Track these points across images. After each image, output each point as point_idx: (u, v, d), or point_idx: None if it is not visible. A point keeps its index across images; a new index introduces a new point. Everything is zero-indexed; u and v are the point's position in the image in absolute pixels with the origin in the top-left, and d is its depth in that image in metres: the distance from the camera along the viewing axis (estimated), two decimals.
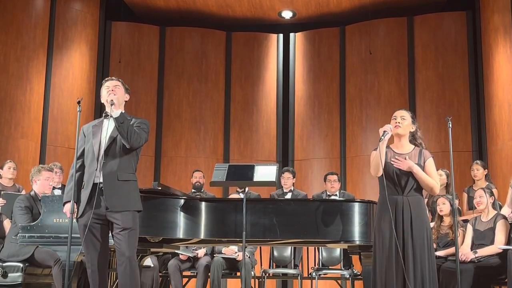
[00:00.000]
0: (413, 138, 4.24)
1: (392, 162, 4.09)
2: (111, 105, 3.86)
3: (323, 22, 9.63)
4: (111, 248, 4.23)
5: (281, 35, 9.74)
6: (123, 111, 3.95)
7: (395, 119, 4.19)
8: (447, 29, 8.87)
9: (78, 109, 4.31)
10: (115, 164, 3.86)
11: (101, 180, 3.83)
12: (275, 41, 9.74)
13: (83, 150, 4.00)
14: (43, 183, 5.28)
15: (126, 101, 4.10)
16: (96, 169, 3.85)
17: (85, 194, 3.87)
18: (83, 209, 3.85)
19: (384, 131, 4.06)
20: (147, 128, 4.02)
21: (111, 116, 3.86)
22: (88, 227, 3.82)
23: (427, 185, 4.10)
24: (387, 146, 4.17)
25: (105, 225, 3.88)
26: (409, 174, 4.07)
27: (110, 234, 3.91)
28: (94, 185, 3.84)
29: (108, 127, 3.91)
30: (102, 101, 4.04)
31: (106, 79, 4.12)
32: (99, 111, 8.99)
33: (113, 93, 3.95)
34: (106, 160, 3.85)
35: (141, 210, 3.95)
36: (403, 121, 4.17)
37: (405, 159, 4.10)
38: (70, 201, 3.93)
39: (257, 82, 9.60)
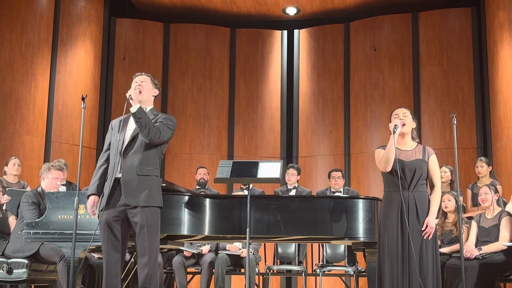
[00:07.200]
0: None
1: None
2: (129, 99, 3.87)
3: (328, 18, 9.61)
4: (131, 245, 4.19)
5: (285, 32, 9.73)
6: (148, 107, 3.98)
7: (397, 116, 4.18)
8: (452, 25, 8.83)
9: (82, 106, 4.33)
10: (137, 159, 3.85)
11: (121, 175, 3.83)
12: (279, 37, 9.72)
13: (110, 144, 4.01)
14: (51, 181, 5.30)
15: (155, 96, 4.12)
16: (118, 163, 3.85)
17: (106, 189, 3.86)
18: (104, 204, 3.84)
19: (395, 125, 4.08)
20: (172, 125, 4.04)
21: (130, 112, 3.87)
22: (107, 224, 3.82)
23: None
24: None
25: (125, 224, 3.86)
26: (415, 169, 4.07)
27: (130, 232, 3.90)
28: (116, 180, 3.85)
29: (132, 122, 3.91)
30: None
31: (136, 74, 4.12)
32: (103, 107, 9.01)
33: (140, 89, 3.96)
34: (127, 154, 3.85)
35: (161, 207, 3.93)
36: (406, 118, 4.17)
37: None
38: (92, 194, 3.93)
39: (261, 79, 9.59)
